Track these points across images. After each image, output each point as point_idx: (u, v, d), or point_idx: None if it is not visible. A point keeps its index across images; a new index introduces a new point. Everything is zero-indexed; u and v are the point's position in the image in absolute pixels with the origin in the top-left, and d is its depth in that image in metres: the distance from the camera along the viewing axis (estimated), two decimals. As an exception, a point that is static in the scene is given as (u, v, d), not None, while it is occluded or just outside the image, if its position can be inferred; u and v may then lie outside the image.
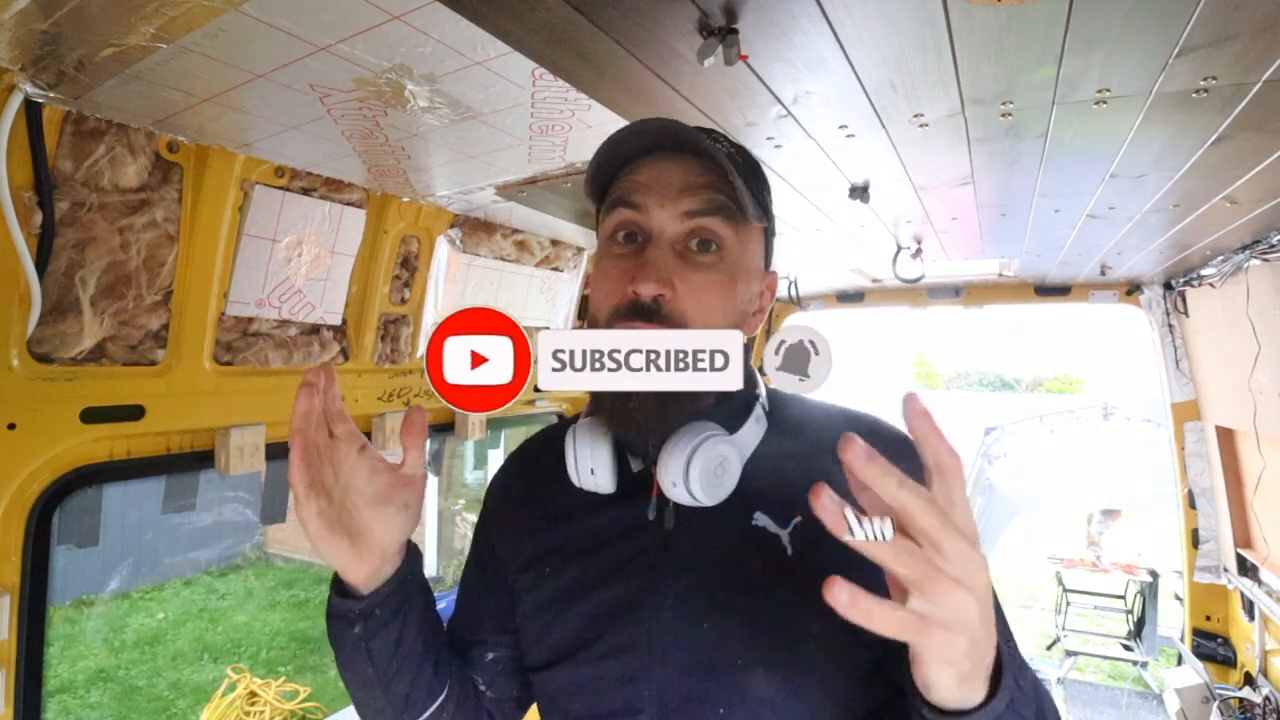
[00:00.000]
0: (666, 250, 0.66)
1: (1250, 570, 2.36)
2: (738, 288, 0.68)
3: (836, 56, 0.74)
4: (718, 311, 0.67)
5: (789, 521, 0.68)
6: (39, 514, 1.02)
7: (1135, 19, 0.65)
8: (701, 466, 0.64)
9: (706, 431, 0.66)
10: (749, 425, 0.71)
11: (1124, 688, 4.99)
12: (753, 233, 0.71)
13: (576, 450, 0.69)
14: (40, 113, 0.87)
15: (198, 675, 5.61)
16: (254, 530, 8.14)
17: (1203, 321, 2.30)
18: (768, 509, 0.69)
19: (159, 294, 1.09)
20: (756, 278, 0.72)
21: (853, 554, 0.59)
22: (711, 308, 0.66)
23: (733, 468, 0.67)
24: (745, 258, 0.70)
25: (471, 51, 0.75)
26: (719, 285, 0.67)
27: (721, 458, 0.65)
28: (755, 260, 0.72)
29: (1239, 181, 1.17)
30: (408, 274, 1.51)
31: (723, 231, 0.67)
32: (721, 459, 0.65)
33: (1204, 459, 2.52)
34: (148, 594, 7.11)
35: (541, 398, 2.01)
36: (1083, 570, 5.91)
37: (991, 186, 1.25)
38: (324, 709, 4.92)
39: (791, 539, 0.68)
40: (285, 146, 1.05)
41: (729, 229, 0.67)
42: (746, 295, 0.70)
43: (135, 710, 5.16)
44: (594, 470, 0.68)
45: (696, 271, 0.66)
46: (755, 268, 0.72)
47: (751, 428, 0.71)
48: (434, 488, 7.34)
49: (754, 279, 0.72)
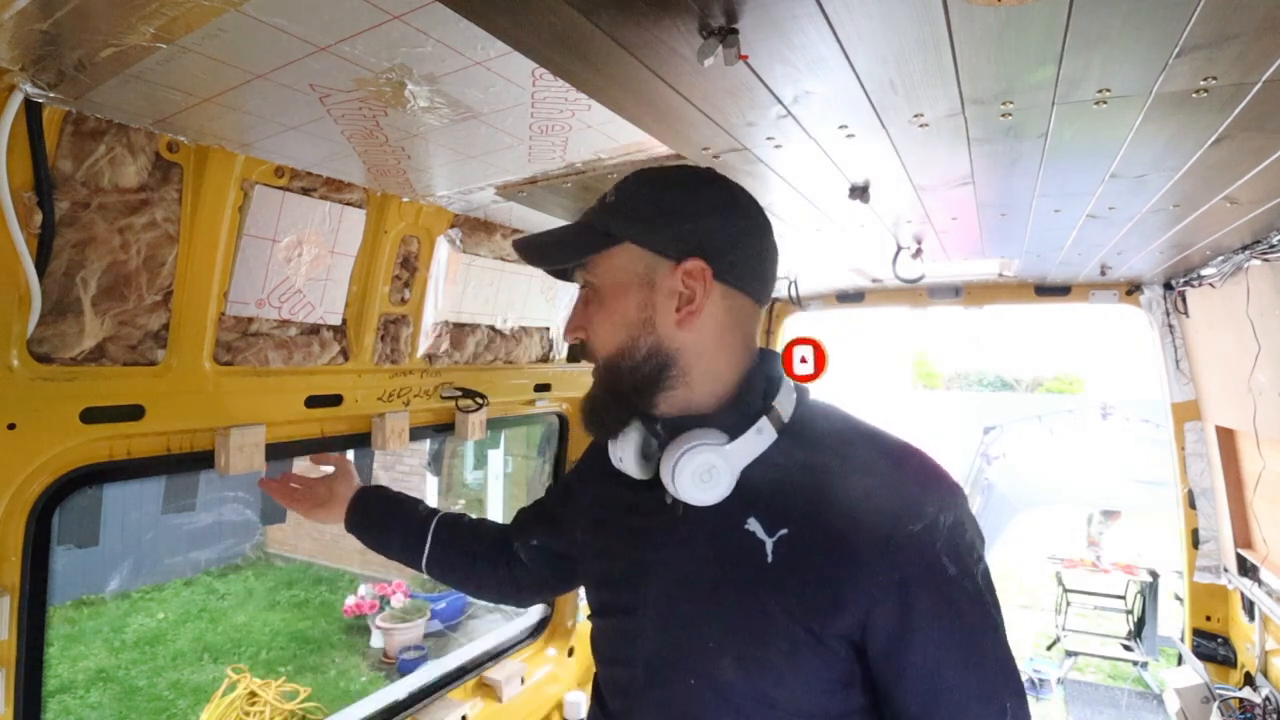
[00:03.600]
0: (579, 303, 0.85)
1: (1250, 570, 2.36)
2: (615, 309, 0.81)
3: (836, 56, 0.74)
4: (604, 333, 0.82)
5: (776, 532, 0.75)
6: (39, 514, 1.02)
7: (1135, 19, 0.65)
8: (688, 471, 0.74)
9: (699, 440, 0.75)
10: (749, 435, 0.77)
11: (1124, 688, 4.99)
12: (617, 254, 0.81)
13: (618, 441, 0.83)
14: (40, 113, 0.87)
15: (198, 675, 5.61)
16: (254, 530, 8.13)
17: (1203, 321, 2.30)
18: (760, 515, 0.76)
19: (159, 294, 1.09)
20: (642, 286, 0.80)
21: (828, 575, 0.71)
22: (599, 332, 0.82)
23: (721, 474, 0.75)
24: (616, 279, 0.81)
25: (471, 51, 0.75)
26: (599, 314, 0.82)
27: (709, 466, 0.74)
28: (631, 273, 0.80)
29: (1239, 181, 1.17)
30: (408, 274, 1.51)
31: (587, 275, 0.83)
32: (709, 467, 0.74)
33: (1204, 459, 2.52)
34: (148, 594, 7.11)
35: (541, 398, 2.01)
36: (1083, 570, 5.91)
37: (991, 186, 1.25)
38: (324, 709, 4.92)
39: (774, 548, 0.74)
40: (285, 146, 1.05)
41: (591, 269, 0.82)
42: (633, 305, 0.80)
43: (135, 710, 5.16)
44: (622, 459, 0.83)
45: (587, 309, 0.84)
46: (635, 278, 0.80)
47: (751, 438, 0.77)
48: (434, 488, 7.34)
49: (637, 289, 0.80)
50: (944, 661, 0.70)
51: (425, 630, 5.97)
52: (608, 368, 0.82)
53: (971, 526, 0.74)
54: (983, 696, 0.70)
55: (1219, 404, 2.35)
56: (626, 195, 0.82)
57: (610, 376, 0.82)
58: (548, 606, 2.34)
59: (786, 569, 0.73)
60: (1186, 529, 2.60)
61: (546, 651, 2.29)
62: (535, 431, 2.82)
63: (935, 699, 0.70)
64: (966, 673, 0.70)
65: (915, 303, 2.82)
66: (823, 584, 0.71)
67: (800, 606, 0.72)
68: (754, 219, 0.83)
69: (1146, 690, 4.96)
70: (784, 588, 0.73)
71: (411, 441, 1.59)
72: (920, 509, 0.71)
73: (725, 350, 0.80)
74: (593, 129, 1.00)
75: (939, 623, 0.70)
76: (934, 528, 0.70)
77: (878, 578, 0.69)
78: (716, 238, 0.79)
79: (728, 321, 0.80)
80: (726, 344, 0.81)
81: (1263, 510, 2.28)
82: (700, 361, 0.80)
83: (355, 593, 6.43)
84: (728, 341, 0.81)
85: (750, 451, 0.77)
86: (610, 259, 0.81)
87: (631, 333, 0.79)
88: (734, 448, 0.76)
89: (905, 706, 0.72)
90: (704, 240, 0.78)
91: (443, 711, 1.83)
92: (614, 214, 0.82)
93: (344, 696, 5.28)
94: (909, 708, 0.71)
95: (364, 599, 6.27)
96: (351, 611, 6.29)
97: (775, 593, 0.73)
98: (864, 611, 0.70)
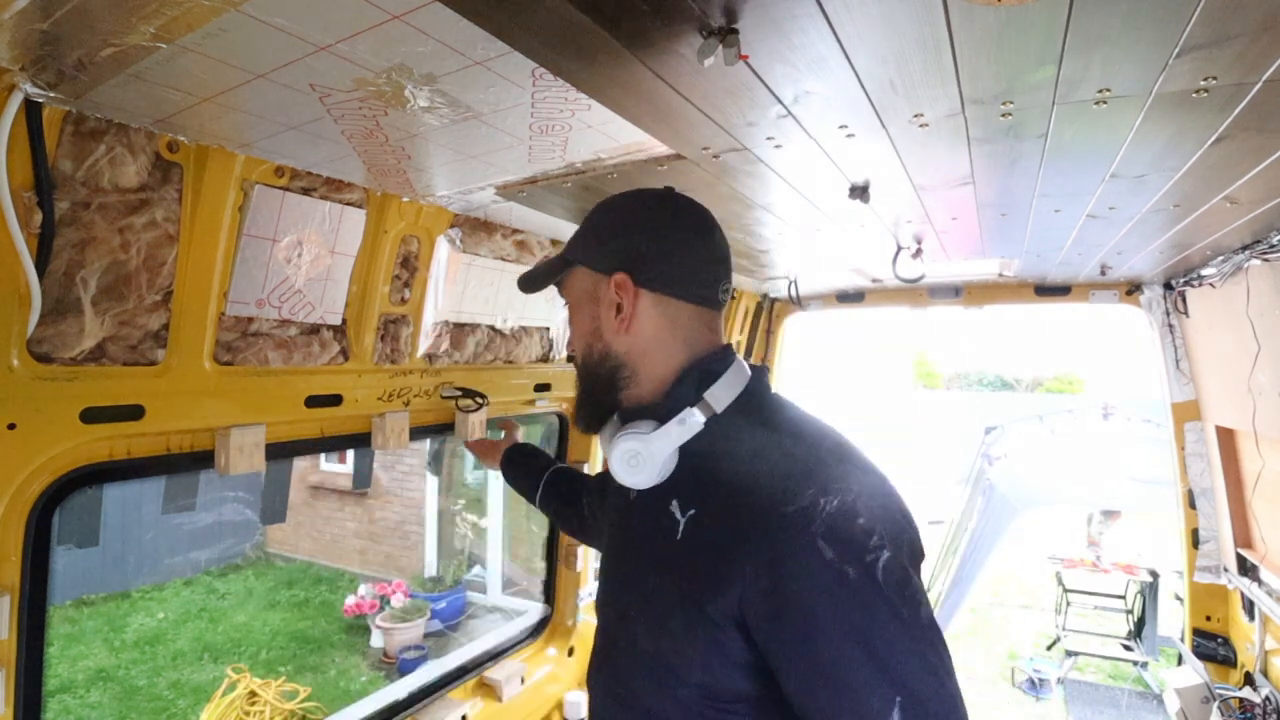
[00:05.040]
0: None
1: (1250, 570, 2.36)
2: (577, 322, 0.96)
3: (836, 56, 0.74)
4: (576, 343, 0.97)
5: (687, 512, 0.82)
6: (39, 514, 1.02)
7: (1135, 19, 0.65)
8: (615, 456, 0.85)
9: (629, 430, 0.86)
10: (671, 425, 0.85)
11: (1124, 688, 4.99)
12: (574, 275, 0.96)
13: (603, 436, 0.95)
14: (40, 113, 0.87)
15: (198, 675, 5.61)
16: (254, 530, 8.13)
17: (1203, 321, 2.30)
18: (681, 497, 0.84)
19: (159, 294, 1.09)
20: (590, 300, 0.93)
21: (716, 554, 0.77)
22: (574, 342, 0.98)
23: (644, 460, 0.84)
24: (576, 297, 0.96)
25: (471, 51, 0.75)
26: (572, 327, 0.98)
27: (633, 452, 0.84)
28: (583, 290, 0.94)
29: (1239, 181, 1.17)
30: (408, 274, 1.51)
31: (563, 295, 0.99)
32: (633, 453, 0.84)
33: (1204, 459, 2.52)
34: (148, 594, 7.11)
35: (541, 398, 2.01)
36: (1083, 570, 5.91)
37: (991, 186, 1.25)
38: (324, 709, 4.92)
39: (684, 528, 0.82)
40: (285, 146, 1.05)
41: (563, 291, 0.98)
42: (587, 317, 0.94)
43: (135, 710, 5.16)
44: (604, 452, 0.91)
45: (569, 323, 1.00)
46: (585, 294, 0.94)
47: (673, 427, 0.85)
48: (434, 488, 7.33)
49: (588, 303, 0.93)
50: (822, 651, 0.69)
51: (425, 630, 5.96)
52: (579, 371, 0.97)
53: (870, 516, 0.72)
54: (866, 685, 0.67)
55: (1219, 404, 2.35)
56: (585, 224, 0.97)
57: (582, 379, 0.97)
58: (548, 606, 2.34)
59: (688, 547, 0.80)
60: (1186, 529, 2.60)
61: (546, 651, 2.29)
62: (535, 431, 2.81)
63: (812, 680, 0.70)
64: (847, 663, 0.68)
65: (915, 303, 2.82)
66: (712, 562, 0.77)
67: (693, 583, 0.78)
68: (684, 231, 0.92)
69: (1146, 690, 4.97)
70: (683, 565, 0.80)
71: (411, 441, 1.59)
72: (798, 492, 0.73)
73: (663, 349, 0.90)
74: (593, 129, 1.00)
75: (813, 604, 0.69)
76: (810, 510, 0.71)
77: (753, 556, 0.73)
78: (640, 251, 0.89)
79: (663, 323, 0.90)
80: (663, 343, 0.90)
81: (1262, 510, 2.28)
82: (643, 361, 0.90)
83: (355, 592, 6.43)
84: (664, 341, 0.90)
85: (674, 438, 0.84)
86: (571, 280, 0.96)
87: (588, 341, 0.93)
88: (656, 435, 0.84)
89: (787, 686, 0.72)
90: (628, 255, 0.89)
91: (443, 711, 1.84)
92: (574, 242, 0.97)
93: (344, 696, 5.28)
94: (789, 686, 0.72)
95: (364, 599, 6.27)
96: (351, 611, 6.29)
97: (677, 569, 0.80)
98: (740, 589, 0.73)
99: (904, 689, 0.67)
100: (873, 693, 0.67)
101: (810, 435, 0.84)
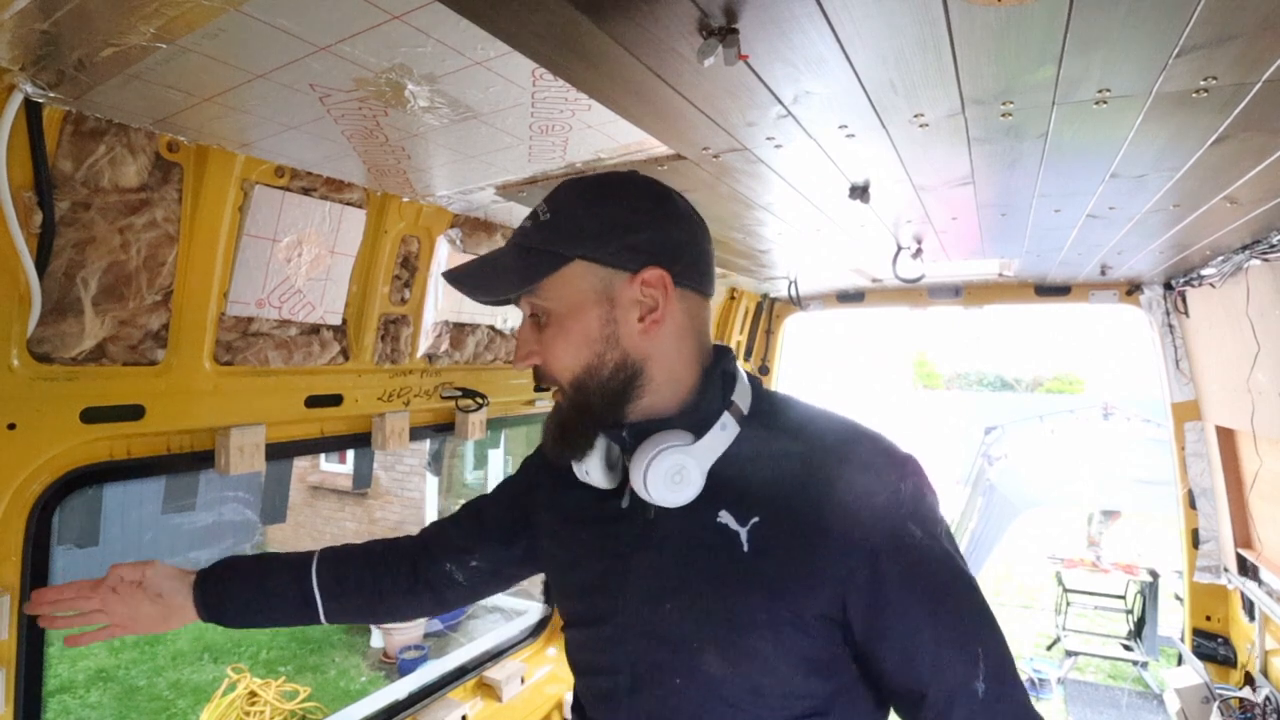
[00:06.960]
0: (527, 328, 0.81)
1: (1250, 570, 2.36)
2: (574, 329, 0.78)
3: (837, 56, 0.74)
4: (566, 355, 0.78)
5: (748, 521, 0.76)
6: (39, 514, 1.02)
7: (1135, 19, 0.65)
8: (658, 474, 0.75)
9: (667, 442, 0.76)
10: (714, 432, 0.78)
11: (1124, 688, 4.99)
12: (569, 273, 0.77)
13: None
14: (40, 113, 0.87)
15: (198, 675, 5.61)
16: (254, 530, 8.12)
17: (1203, 321, 2.30)
18: (731, 507, 0.77)
19: (159, 294, 1.09)
20: (600, 301, 0.77)
21: (803, 556, 0.73)
22: (560, 355, 0.78)
23: (691, 474, 0.76)
24: (572, 299, 0.77)
25: (471, 51, 0.75)
26: (557, 337, 0.78)
27: (679, 466, 0.75)
28: (588, 290, 0.77)
29: (1239, 181, 1.17)
30: (408, 274, 1.51)
31: (535, 299, 0.79)
32: (680, 468, 0.75)
33: (1204, 459, 2.52)
34: (148, 594, 7.10)
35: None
36: (1083, 570, 5.92)
37: (991, 186, 1.25)
38: (324, 709, 4.92)
39: (749, 537, 0.76)
40: (285, 146, 1.05)
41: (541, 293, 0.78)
42: (594, 322, 0.77)
43: (135, 710, 5.16)
44: (588, 472, 0.82)
45: (543, 334, 0.79)
46: (592, 295, 0.77)
47: (716, 435, 0.78)
48: (434, 488, 7.33)
49: (595, 305, 0.77)
50: (920, 621, 0.73)
51: (425, 630, 5.97)
52: (576, 387, 0.79)
53: (929, 491, 0.77)
54: (957, 643, 0.73)
55: (1219, 404, 2.35)
56: (565, 211, 0.79)
57: (579, 395, 0.79)
58: (548, 606, 2.34)
59: (763, 556, 0.75)
60: (1186, 529, 2.60)
61: (546, 651, 2.30)
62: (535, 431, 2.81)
63: (914, 655, 0.74)
64: (940, 626, 0.73)
65: (915, 303, 2.82)
66: (799, 565, 0.74)
67: (780, 590, 0.74)
68: (691, 218, 0.83)
69: (1146, 690, 4.97)
70: (762, 574, 0.75)
71: (411, 441, 1.60)
72: (883, 480, 0.74)
73: (684, 352, 0.81)
74: (593, 129, 1.00)
75: (912, 585, 0.73)
76: (898, 496, 0.73)
77: (850, 551, 0.72)
78: (668, 244, 0.78)
79: (685, 323, 0.81)
80: (685, 345, 0.81)
81: (1261, 510, 2.28)
82: (662, 366, 0.80)
83: (355, 593, 6.42)
84: (686, 342, 0.81)
85: (717, 447, 0.78)
86: (562, 280, 0.77)
87: (596, 349, 0.78)
88: (700, 446, 0.77)
89: (885, 666, 0.75)
90: (657, 248, 0.78)
91: (443, 711, 1.84)
92: (556, 232, 0.78)
93: (344, 696, 5.28)
94: (889, 666, 0.75)
95: (364, 599, 6.27)
96: (351, 611, 6.29)
97: (754, 580, 0.74)
98: (840, 585, 0.72)
99: (980, 641, 0.74)
100: (963, 649, 0.73)
101: (842, 424, 0.82)
